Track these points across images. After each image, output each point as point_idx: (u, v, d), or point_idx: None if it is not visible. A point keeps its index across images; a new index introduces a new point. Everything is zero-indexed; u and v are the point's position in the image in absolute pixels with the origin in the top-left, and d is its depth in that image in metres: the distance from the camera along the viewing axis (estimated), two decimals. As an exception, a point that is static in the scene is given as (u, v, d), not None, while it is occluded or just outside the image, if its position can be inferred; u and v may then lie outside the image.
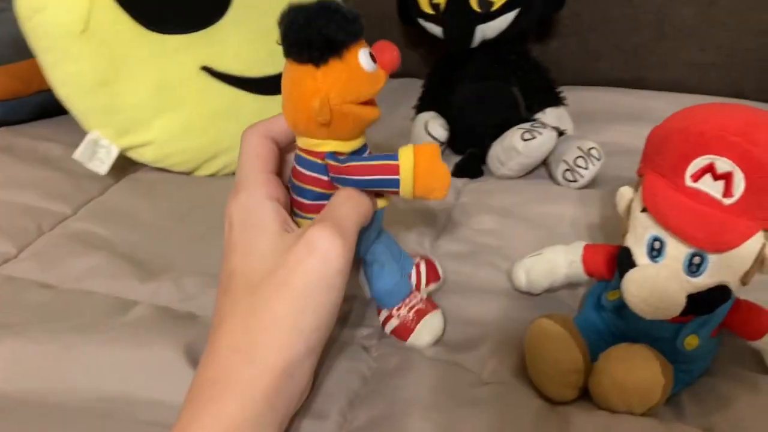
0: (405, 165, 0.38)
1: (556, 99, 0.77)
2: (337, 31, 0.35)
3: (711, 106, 0.43)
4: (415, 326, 0.48)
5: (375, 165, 0.39)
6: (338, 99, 0.37)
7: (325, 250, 0.37)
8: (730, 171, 0.39)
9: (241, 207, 0.41)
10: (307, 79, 0.37)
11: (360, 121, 0.39)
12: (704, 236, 0.40)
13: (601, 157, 0.68)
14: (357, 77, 0.37)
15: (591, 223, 0.63)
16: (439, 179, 0.39)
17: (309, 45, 0.35)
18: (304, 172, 0.41)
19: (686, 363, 0.46)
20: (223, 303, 0.39)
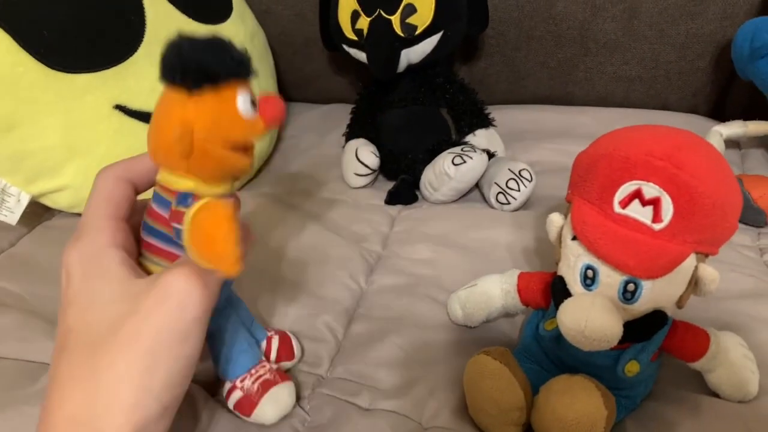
0: (188, 213, 0.34)
1: (485, 120, 0.77)
2: (218, 63, 0.33)
3: (635, 129, 0.42)
4: (259, 399, 0.43)
5: (177, 211, 0.35)
6: (203, 133, 0.34)
7: (180, 295, 0.34)
8: (657, 196, 0.38)
9: (81, 255, 0.36)
10: (176, 105, 0.34)
11: (223, 165, 0.35)
12: (636, 263, 0.39)
13: (533, 179, 0.67)
14: (229, 117, 0.34)
15: (526, 246, 0.62)
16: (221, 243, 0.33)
17: (184, 70, 0.33)
18: (158, 210, 0.37)
19: (628, 389, 0.45)
20: (58, 365, 0.34)
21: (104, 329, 0.33)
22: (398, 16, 0.70)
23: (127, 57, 0.65)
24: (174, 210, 0.35)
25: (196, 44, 0.32)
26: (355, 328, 0.54)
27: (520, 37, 0.85)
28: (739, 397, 0.45)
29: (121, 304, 0.34)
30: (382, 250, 0.65)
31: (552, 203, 0.69)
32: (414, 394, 0.47)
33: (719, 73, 0.82)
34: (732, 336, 0.46)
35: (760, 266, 0.60)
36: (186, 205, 0.35)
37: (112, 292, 0.34)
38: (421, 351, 0.51)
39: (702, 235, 0.39)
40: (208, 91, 0.33)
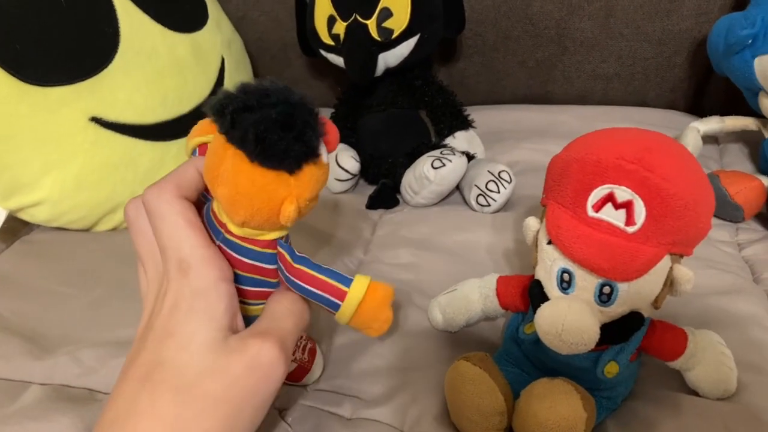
0: (352, 296, 0.37)
1: (464, 122, 0.77)
2: (314, 137, 0.33)
3: (606, 132, 0.43)
4: (311, 366, 0.47)
5: (324, 281, 0.37)
6: (305, 201, 0.35)
7: (268, 368, 0.35)
8: (630, 199, 0.38)
9: (191, 289, 0.35)
10: (279, 186, 0.34)
11: (310, 211, 0.37)
12: (611, 266, 0.39)
13: (512, 180, 0.68)
14: (323, 175, 0.36)
15: (507, 248, 0.62)
16: (379, 322, 0.38)
17: (286, 155, 0.33)
18: (242, 259, 0.38)
19: (608, 390, 0.45)
20: (143, 395, 0.34)
21: (196, 378, 0.34)
22: (374, 21, 0.70)
23: (101, 69, 0.65)
24: (285, 260, 0.37)
25: (285, 118, 0.32)
26: (339, 339, 0.53)
27: (497, 37, 0.85)
28: (718, 394, 0.46)
29: (216, 357, 0.34)
30: (363, 255, 0.65)
31: (532, 203, 0.69)
32: (396, 402, 0.47)
33: (696, 69, 0.83)
34: (709, 334, 0.46)
35: (738, 262, 0.60)
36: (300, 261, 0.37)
37: (212, 338, 0.34)
38: (403, 358, 0.51)
39: (675, 236, 0.39)
40: (310, 165, 0.34)
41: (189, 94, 0.71)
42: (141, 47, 0.67)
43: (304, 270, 0.37)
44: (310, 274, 0.37)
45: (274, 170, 0.33)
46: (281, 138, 0.32)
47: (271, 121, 0.31)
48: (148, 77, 0.67)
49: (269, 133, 0.32)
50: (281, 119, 0.32)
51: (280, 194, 0.34)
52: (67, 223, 0.69)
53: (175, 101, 0.69)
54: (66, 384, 0.50)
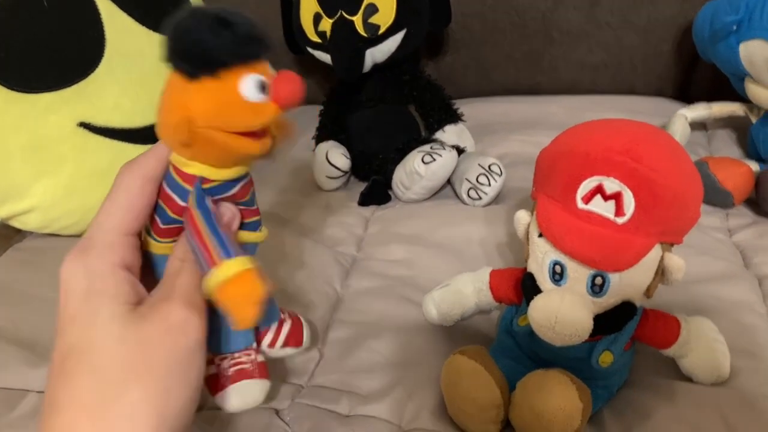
0: (217, 273, 0.33)
1: (453, 116, 0.77)
2: (220, 48, 0.31)
3: (594, 124, 0.43)
4: (228, 385, 0.40)
5: (205, 240, 0.34)
6: (203, 122, 0.32)
7: (183, 324, 0.33)
8: (618, 191, 0.39)
9: (86, 270, 0.33)
10: (177, 90, 0.32)
11: (228, 152, 0.34)
12: (601, 258, 0.39)
13: (503, 173, 0.68)
14: (230, 103, 0.32)
15: (499, 241, 0.63)
16: (236, 315, 0.33)
17: (183, 55, 0.31)
18: (165, 189, 0.36)
19: (604, 379, 0.45)
20: (58, 387, 0.31)
21: (111, 354, 0.32)
22: (360, 17, 0.70)
23: (88, 73, 0.64)
24: (189, 208, 0.35)
25: (198, 24, 0.30)
26: (333, 335, 0.54)
27: (484, 30, 0.85)
28: (712, 380, 0.46)
29: (128, 329, 0.32)
30: (356, 252, 0.65)
31: (523, 195, 0.69)
32: (393, 398, 0.47)
33: (682, 56, 0.83)
34: (702, 321, 0.46)
35: (730, 248, 0.61)
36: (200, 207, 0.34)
37: (119, 314, 0.32)
38: (399, 354, 0.51)
39: (665, 226, 0.39)
40: (208, 77, 0.31)
41: None
42: (127, 50, 0.67)
43: (195, 216, 0.34)
44: (198, 224, 0.34)
45: (176, 71, 0.32)
46: (180, 38, 0.31)
47: (182, 21, 0.30)
48: (135, 80, 0.67)
49: (175, 30, 0.31)
50: (191, 24, 0.30)
51: (175, 100, 0.32)
52: (59, 229, 0.68)
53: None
54: (64, 391, 0.50)
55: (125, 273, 0.34)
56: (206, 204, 0.34)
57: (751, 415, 0.44)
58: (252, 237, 0.40)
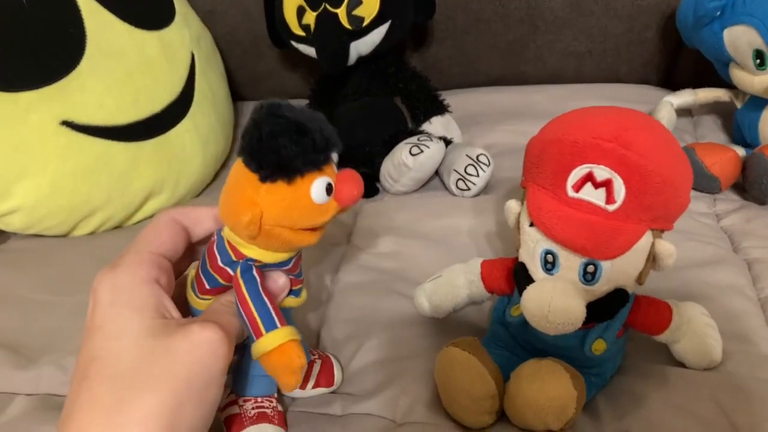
0: (261, 344, 0.35)
1: (440, 107, 0.76)
2: (296, 158, 0.33)
3: (582, 112, 0.43)
4: (248, 425, 0.42)
5: (251, 311, 0.36)
6: (271, 221, 0.34)
7: (212, 346, 0.34)
8: (609, 178, 0.38)
9: (114, 282, 0.35)
10: (248, 187, 0.34)
11: (289, 245, 0.36)
12: (593, 246, 0.39)
13: (490, 163, 0.67)
14: (300, 206, 0.34)
15: (488, 231, 0.62)
16: (281, 382, 0.36)
17: (261, 159, 0.33)
18: (217, 257, 0.38)
19: (597, 367, 0.46)
20: (79, 393, 0.33)
21: (133, 362, 0.33)
22: (344, 9, 0.69)
23: (69, 71, 0.63)
24: (236, 277, 0.37)
25: (277, 128, 0.32)
26: (326, 334, 0.53)
27: (468, 20, 0.85)
28: (705, 365, 0.46)
29: (152, 340, 0.33)
30: (346, 246, 0.65)
31: (512, 185, 0.69)
32: (387, 393, 0.46)
33: (667, 43, 0.83)
34: (694, 306, 0.47)
35: (717, 232, 0.61)
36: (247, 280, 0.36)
37: (144, 325, 0.34)
38: (392, 348, 0.50)
39: (655, 212, 0.39)
40: (282, 182, 0.33)
41: (160, 92, 0.70)
42: (109, 47, 0.66)
43: (243, 288, 0.37)
44: (245, 295, 0.36)
45: (250, 171, 0.34)
46: (258, 140, 0.32)
47: (260, 123, 0.32)
48: (117, 78, 0.66)
49: (251, 132, 0.32)
50: (274, 125, 0.32)
51: (246, 196, 0.34)
52: (43, 230, 0.67)
53: (147, 100, 0.68)
54: (52, 393, 0.49)
55: (154, 287, 0.36)
56: (253, 275, 0.37)
57: (744, 398, 0.44)
58: (293, 302, 0.42)
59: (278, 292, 0.39)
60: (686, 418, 0.43)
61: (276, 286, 0.39)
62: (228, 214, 0.36)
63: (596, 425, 0.44)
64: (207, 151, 0.75)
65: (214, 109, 0.77)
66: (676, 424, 0.43)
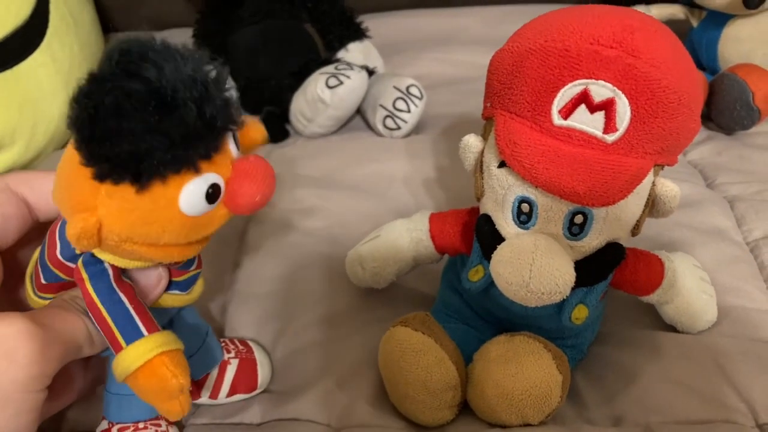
0: (122, 362, 0.27)
1: (357, 32, 0.68)
2: (156, 152, 0.23)
3: (568, 12, 0.34)
4: None
5: (102, 316, 0.27)
6: (115, 237, 0.25)
7: (11, 342, 0.26)
8: (610, 97, 0.31)
9: None
10: (84, 182, 0.24)
11: (149, 260, 0.28)
12: (587, 189, 0.31)
13: (423, 96, 0.60)
14: (163, 219, 0.25)
15: (426, 178, 0.55)
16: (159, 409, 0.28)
17: (91, 151, 0.23)
18: (57, 246, 0.29)
19: (574, 337, 0.40)
20: None
21: None
22: None
23: None
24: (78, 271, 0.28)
25: (124, 99, 0.22)
26: (232, 317, 0.43)
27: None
28: (700, 327, 0.41)
29: None
30: None
31: (446, 123, 0.62)
32: (318, 390, 0.38)
33: (609, -45, 0.75)
34: (684, 257, 0.41)
35: (687, 168, 0.56)
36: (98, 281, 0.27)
37: None
38: (322, 330, 0.42)
39: (665, 142, 0.32)
40: (134, 188, 0.24)
41: (1, 13, 0.56)
42: None
43: (86, 285, 0.28)
44: (90, 296, 0.28)
45: (85, 164, 0.24)
46: (94, 117, 0.22)
47: (107, 89, 0.22)
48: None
49: (85, 104, 0.22)
50: (119, 93, 0.22)
51: (83, 196, 0.25)
52: None
53: None
54: None
55: None
56: (104, 268, 0.28)
57: (750, 360, 0.38)
58: (178, 300, 0.32)
59: (149, 288, 0.30)
60: (690, 395, 0.37)
61: (146, 281, 0.30)
62: (62, 208, 0.27)
63: (580, 411, 0.38)
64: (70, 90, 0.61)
65: (77, 38, 0.64)
66: (678, 404, 0.37)
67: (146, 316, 0.28)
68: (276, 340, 0.42)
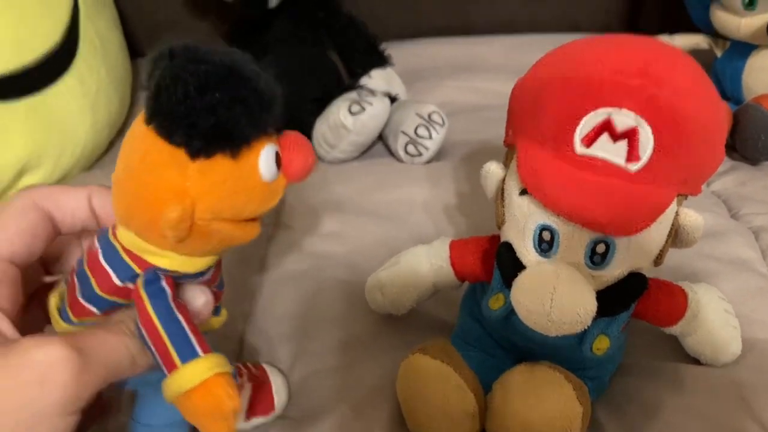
0: (177, 380, 0.27)
1: (380, 59, 0.68)
2: (242, 118, 0.24)
3: (592, 41, 0.34)
4: None
5: (162, 341, 0.27)
6: (208, 214, 0.26)
7: (43, 368, 0.25)
8: (633, 126, 0.31)
9: None
10: (171, 168, 0.25)
11: (228, 243, 0.28)
12: (610, 218, 0.31)
13: (445, 122, 0.60)
14: (248, 187, 0.26)
15: (447, 204, 0.55)
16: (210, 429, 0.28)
17: (188, 126, 0.24)
18: (110, 275, 0.28)
19: (595, 368, 0.39)
20: None
21: None
22: (264, -63, 0.59)
23: None
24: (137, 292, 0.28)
25: (206, 78, 0.23)
26: (250, 339, 0.43)
27: (409, -41, 0.76)
28: (724, 360, 0.40)
29: None
30: (273, 228, 0.55)
31: (468, 150, 0.62)
32: (334, 417, 0.38)
33: (630, -15, 0.77)
34: (708, 289, 0.40)
35: (710, 198, 0.55)
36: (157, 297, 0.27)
37: None
38: (339, 355, 0.42)
39: (688, 172, 0.32)
40: (223, 155, 0.25)
41: (34, 39, 0.57)
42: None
43: (145, 305, 0.28)
44: (149, 314, 0.27)
45: (171, 144, 0.25)
46: (188, 97, 0.23)
47: (184, 74, 0.23)
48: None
49: (173, 87, 0.23)
50: (201, 75, 0.23)
51: (170, 182, 0.25)
52: None
53: (15, 49, 0.55)
54: None
55: None
56: (162, 287, 0.28)
57: None
58: (214, 323, 0.33)
59: (199, 312, 0.30)
60: (713, 430, 0.37)
61: (196, 304, 0.30)
62: (137, 210, 0.27)
63: (601, 447, 0.37)
64: (97, 114, 0.63)
65: (104, 62, 0.65)
66: (700, 430, 0.36)
67: (200, 337, 0.28)
68: (293, 363, 0.41)
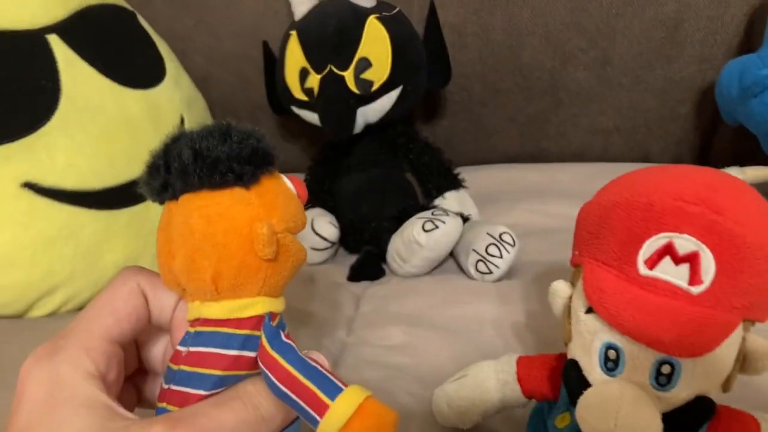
0: (334, 415, 0.28)
1: (454, 182, 0.71)
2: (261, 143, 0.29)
3: (653, 170, 0.35)
4: None
5: (302, 384, 0.28)
6: (281, 225, 0.29)
7: None
8: (695, 251, 0.31)
9: (50, 374, 0.28)
10: (235, 207, 0.28)
11: (297, 262, 0.31)
12: (673, 339, 0.31)
13: (515, 243, 0.61)
14: (291, 199, 0.30)
15: (516, 322, 0.54)
16: None
17: (237, 160, 0.28)
18: (209, 350, 0.29)
19: None
20: None
21: None
22: (352, 72, 0.64)
23: (38, 127, 0.56)
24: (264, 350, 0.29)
25: (223, 129, 0.28)
26: None
27: (485, 91, 0.81)
28: None
29: None
30: (347, 336, 0.56)
31: (538, 270, 0.62)
32: None
33: (702, 119, 0.78)
34: None
35: None
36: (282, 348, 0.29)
37: (84, 426, 0.27)
38: None
39: (753, 297, 0.31)
40: (266, 177, 0.29)
41: (142, 155, 0.61)
42: (86, 103, 0.59)
43: (278, 361, 0.29)
44: (285, 369, 0.29)
45: (226, 187, 0.28)
46: (222, 142, 0.28)
47: (204, 133, 0.28)
48: (93, 137, 0.59)
49: (206, 142, 0.28)
50: (215, 130, 0.28)
51: (244, 216, 0.28)
52: (-8, 309, 0.58)
53: (125, 164, 0.61)
54: None
55: (95, 383, 0.28)
56: (284, 341, 0.30)
57: None
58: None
59: (316, 355, 0.32)
60: None
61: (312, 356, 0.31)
62: (225, 264, 0.28)
63: None
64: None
65: None
66: None
67: (335, 374, 0.29)
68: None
